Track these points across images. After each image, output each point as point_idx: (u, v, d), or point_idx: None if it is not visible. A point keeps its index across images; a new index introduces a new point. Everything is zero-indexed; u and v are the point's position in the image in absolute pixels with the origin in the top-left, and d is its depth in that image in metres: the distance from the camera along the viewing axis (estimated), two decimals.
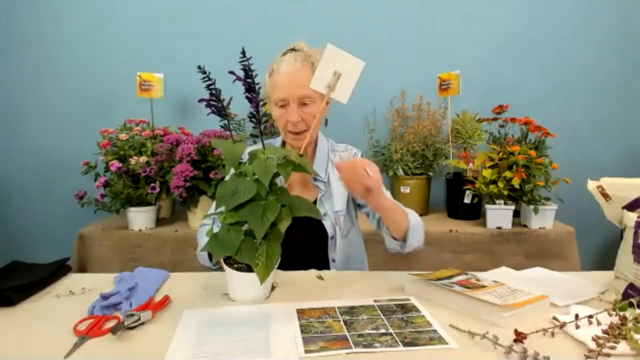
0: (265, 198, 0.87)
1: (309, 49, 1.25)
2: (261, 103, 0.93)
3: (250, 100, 0.90)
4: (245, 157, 0.96)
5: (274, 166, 0.87)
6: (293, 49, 1.26)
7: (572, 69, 2.30)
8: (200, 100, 0.90)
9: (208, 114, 0.91)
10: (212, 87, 0.89)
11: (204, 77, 0.87)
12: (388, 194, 1.21)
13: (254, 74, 0.88)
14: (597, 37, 2.28)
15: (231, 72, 0.89)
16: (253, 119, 0.91)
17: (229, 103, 0.91)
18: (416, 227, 1.14)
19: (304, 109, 1.21)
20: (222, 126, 0.93)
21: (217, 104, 0.90)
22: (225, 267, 0.95)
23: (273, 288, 1.02)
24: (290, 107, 1.20)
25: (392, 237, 1.17)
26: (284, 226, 0.88)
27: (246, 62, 0.87)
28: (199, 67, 0.87)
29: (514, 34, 2.28)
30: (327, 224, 1.26)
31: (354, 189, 1.03)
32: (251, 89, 0.89)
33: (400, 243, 1.16)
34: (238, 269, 0.93)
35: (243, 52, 0.87)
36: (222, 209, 0.89)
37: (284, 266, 1.06)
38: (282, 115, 1.22)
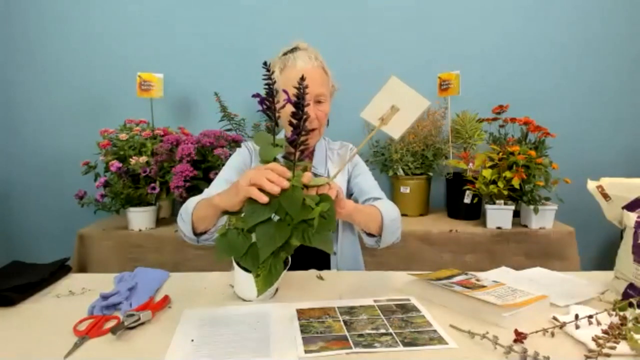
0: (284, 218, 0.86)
1: (312, 49, 1.28)
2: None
3: (294, 126, 0.84)
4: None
5: (301, 197, 0.83)
6: (297, 48, 1.26)
7: (572, 69, 2.29)
8: (255, 95, 0.86)
9: (257, 111, 0.88)
10: (271, 86, 0.85)
11: (265, 75, 0.85)
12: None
13: (305, 102, 0.83)
14: (597, 36, 2.28)
15: (284, 92, 0.87)
16: (292, 145, 0.86)
17: (282, 107, 0.87)
18: (389, 225, 1.14)
19: (319, 107, 1.23)
20: (267, 127, 0.90)
21: (271, 105, 0.87)
22: (234, 263, 0.95)
23: (276, 290, 1.02)
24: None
25: (366, 234, 1.17)
26: (294, 243, 0.86)
27: (302, 90, 0.82)
28: (264, 63, 0.85)
29: (514, 34, 2.28)
30: None
31: None
32: (298, 116, 0.84)
33: (376, 239, 1.17)
34: (245, 269, 0.93)
35: (302, 78, 0.83)
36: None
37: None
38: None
